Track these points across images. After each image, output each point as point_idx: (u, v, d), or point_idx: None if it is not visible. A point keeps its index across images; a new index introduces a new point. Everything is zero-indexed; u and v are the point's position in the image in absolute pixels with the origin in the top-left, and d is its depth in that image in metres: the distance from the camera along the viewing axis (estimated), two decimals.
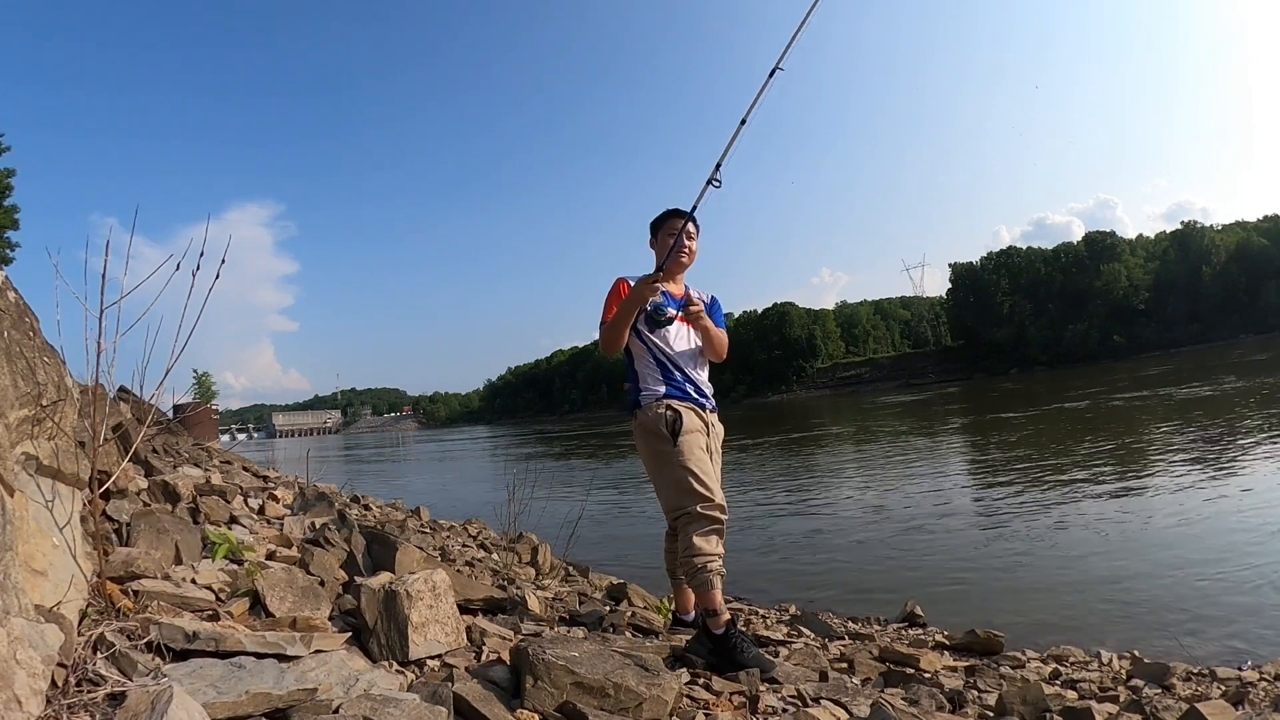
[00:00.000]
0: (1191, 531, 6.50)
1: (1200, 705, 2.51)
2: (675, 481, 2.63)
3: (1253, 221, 73.71)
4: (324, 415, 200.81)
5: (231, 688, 1.51)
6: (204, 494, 3.45)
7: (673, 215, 2.91)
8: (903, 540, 7.38)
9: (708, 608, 2.55)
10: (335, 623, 2.19)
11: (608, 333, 2.80)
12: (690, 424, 2.70)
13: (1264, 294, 63.62)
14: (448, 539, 5.37)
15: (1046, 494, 9.07)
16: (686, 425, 2.68)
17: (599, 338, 2.84)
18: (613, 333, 2.78)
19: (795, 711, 2.16)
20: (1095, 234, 77.32)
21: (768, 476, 13.67)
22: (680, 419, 2.68)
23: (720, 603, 2.55)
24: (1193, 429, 13.85)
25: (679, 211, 2.90)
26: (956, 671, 3.35)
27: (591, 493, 10.49)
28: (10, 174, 24.51)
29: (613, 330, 2.78)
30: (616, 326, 2.76)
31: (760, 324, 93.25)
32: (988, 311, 77.03)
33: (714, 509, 2.57)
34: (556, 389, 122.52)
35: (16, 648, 1.23)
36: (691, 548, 2.54)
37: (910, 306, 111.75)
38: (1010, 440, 15.55)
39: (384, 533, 3.38)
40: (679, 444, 2.63)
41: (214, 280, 1.85)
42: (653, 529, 8.86)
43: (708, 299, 3.03)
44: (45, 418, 1.71)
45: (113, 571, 1.98)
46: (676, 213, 2.90)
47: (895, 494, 10.37)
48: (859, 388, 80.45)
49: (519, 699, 1.85)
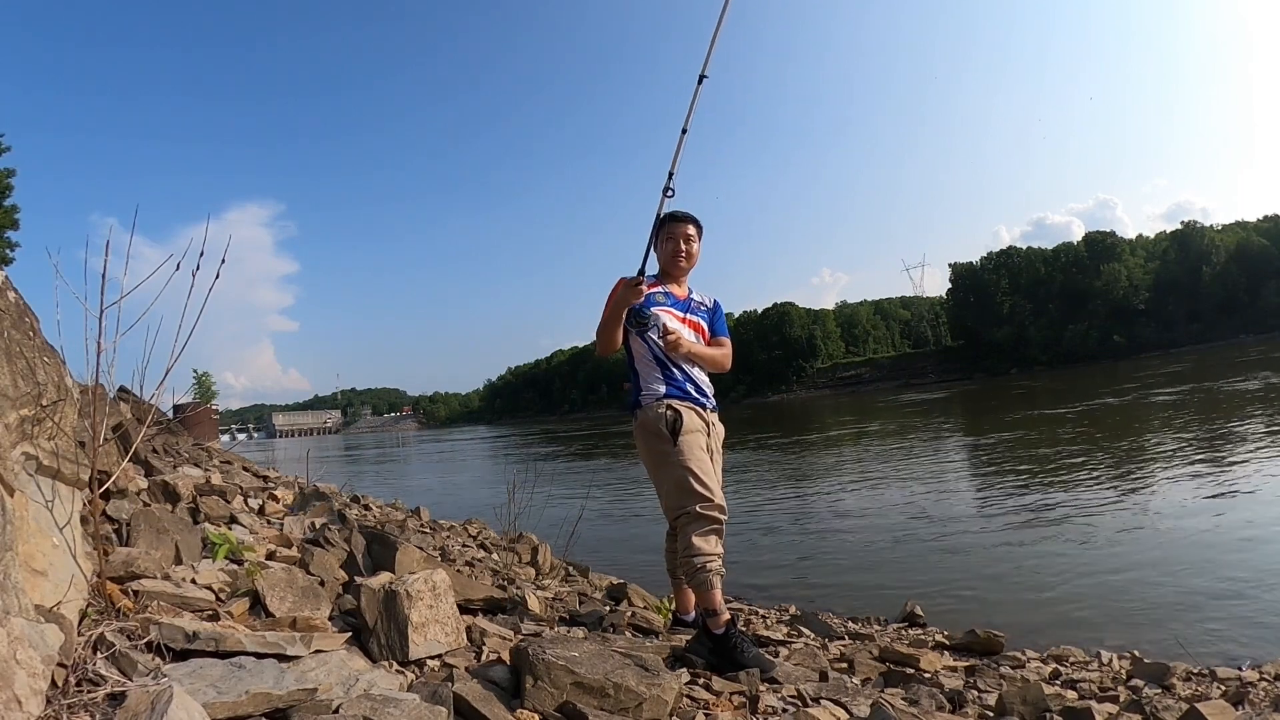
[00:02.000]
0: (1192, 531, 6.50)
1: (1200, 705, 2.51)
2: (675, 481, 2.63)
3: (1253, 221, 73.78)
4: (324, 415, 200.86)
5: (231, 688, 1.50)
6: (204, 494, 3.46)
7: (670, 220, 2.90)
8: (903, 540, 7.38)
9: (707, 607, 2.55)
10: (335, 623, 2.18)
11: (598, 334, 2.80)
12: (691, 424, 2.70)
13: (1264, 294, 63.67)
14: (448, 539, 5.37)
15: (1047, 494, 9.07)
16: (687, 425, 2.67)
17: (596, 334, 2.83)
18: (602, 334, 2.78)
19: (795, 711, 2.16)
20: (1095, 234, 77.37)
21: (768, 476, 13.66)
22: (681, 418, 2.68)
23: (720, 603, 2.55)
24: (1194, 429, 13.85)
25: (678, 215, 2.89)
26: (956, 671, 3.35)
27: (591, 493, 10.50)
28: (10, 174, 24.48)
29: (601, 332, 2.78)
30: (605, 328, 2.75)
31: (760, 324, 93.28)
32: (988, 311, 77.06)
33: (714, 509, 2.57)
34: (556, 389, 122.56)
35: (16, 648, 1.23)
36: (691, 547, 2.54)
37: (910, 306, 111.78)
38: (1011, 440, 15.55)
39: (384, 533, 3.38)
40: (679, 444, 2.63)
41: (214, 280, 1.85)
42: (653, 529, 8.87)
43: (710, 303, 3.02)
44: (45, 418, 1.71)
45: (113, 571, 1.98)
46: (673, 216, 2.89)
47: (895, 494, 10.37)
48: (859, 388, 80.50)
49: (519, 699, 1.85)
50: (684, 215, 2.90)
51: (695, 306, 2.96)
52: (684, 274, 2.97)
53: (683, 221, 2.90)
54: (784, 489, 12.05)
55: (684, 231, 2.90)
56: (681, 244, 2.90)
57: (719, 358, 2.92)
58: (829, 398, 69.19)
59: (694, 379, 2.82)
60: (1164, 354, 58.72)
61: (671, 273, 2.93)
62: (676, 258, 2.90)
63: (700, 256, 2.97)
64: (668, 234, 2.89)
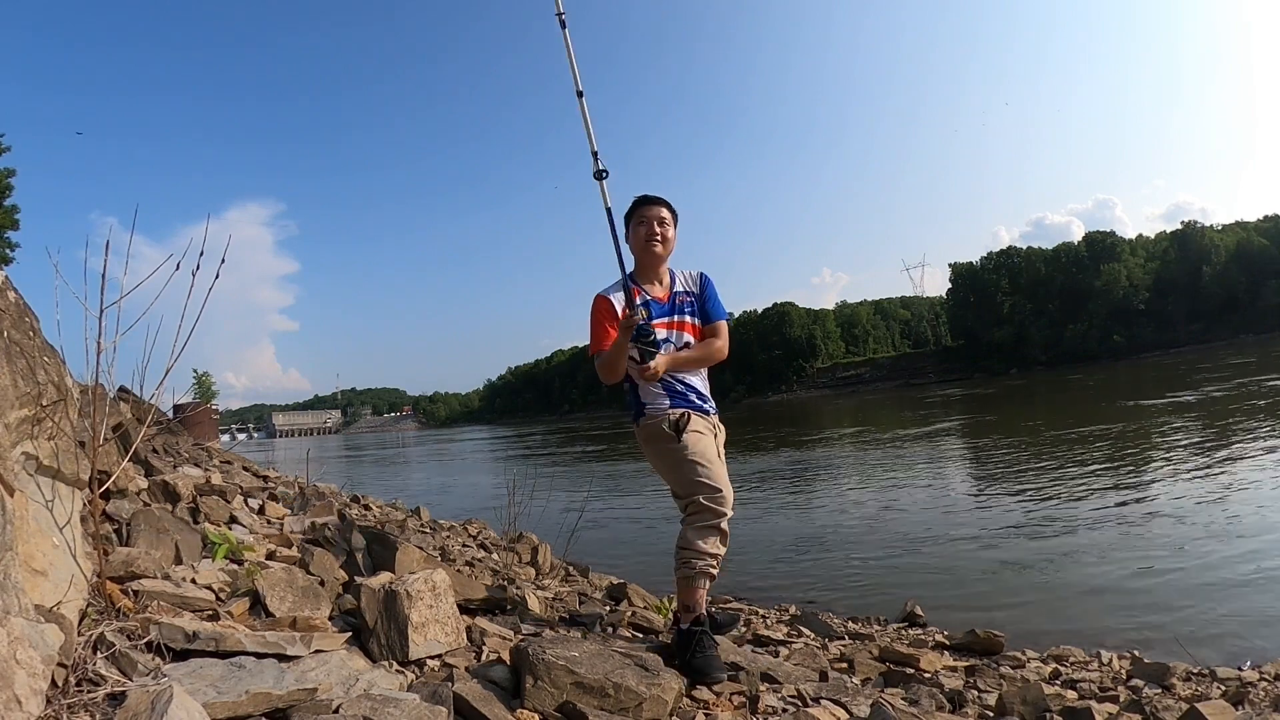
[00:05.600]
0: (1192, 531, 6.50)
1: (1200, 705, 2.51)
2: (683, 474, 2.60)
3: (1253, 221, 73.72)
4: (324, 415, 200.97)
5: (231, 688, 1.51)
6: (204, 494, 3.45)
7: (639, 204, 2.75)
8: (903, 540, 7.38)
9: (685, 602, 2.53)
10: (335, 623, 2.18)
11: (604, 366, 2.61)
12: (695, 423, 2.68)
13: (1264, 294, 63.66)
14: (448, 539, 5.36)
15: (1047, 494, 9.06)
16: (692, 424, 2.66)
17: (596, 367, 2.65)
18: (608, 369, 2.61)
19: (795, 711, 2.16)
20: (1095, 234, 77.38)
21: (767, 476, 13.66)
22: (686, 417, 2.66)
23: (698, 601, 2.51)
24: (1196, 428, 13.85)
25: (648, 199, 2.75)
26: (956, 671, 3.35)
27: (591, 493, 10.48)
28: (10, 174, 24.50)
29: (607, 367, 2.61)
30: (612, 364, 2.59)
31: (760, 324, 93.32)
32: (988, 311, 77.11)
33: (719, 502, 2.54)
34: (556, 389, 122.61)
35: (16, 648, 1.23)
36: (687, 542, 2.52)
37: (910, 306, 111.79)
38: (1011, 440, 15.55)
39: (384, 533, 3.38)
40: (684, 439, 2.61)
41: (214, 280, 1.85)
42: (653, 529, 8.88)
43: (696, 285, 2.83)
44: (45, 418, 1.71)
45: (113, 571, 1.98)
46: (644, 200, 2.75)
47: (896, 493, 10.37)
48: (859, 387, 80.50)
49: (519, 699, 1.85)
50: (654, 198, 2.76)
51: (680, 303, 2.77)
52: (661, 262, 2.76)
53: (654, 204, 2.72)
54: (784, 489, 12.05)
55: (656, 214, 2.71)
56: (655, 226, 2.70)
57: (710, 354, 2.76)
58: (829, 398, 69.18)
59: (694, 388, 2.76)
60: (1164, 354, 58.70)
61: (647, 262, 2.73)
62: (650, 242, 2.69)
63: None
64: (638, 219, 2.72)
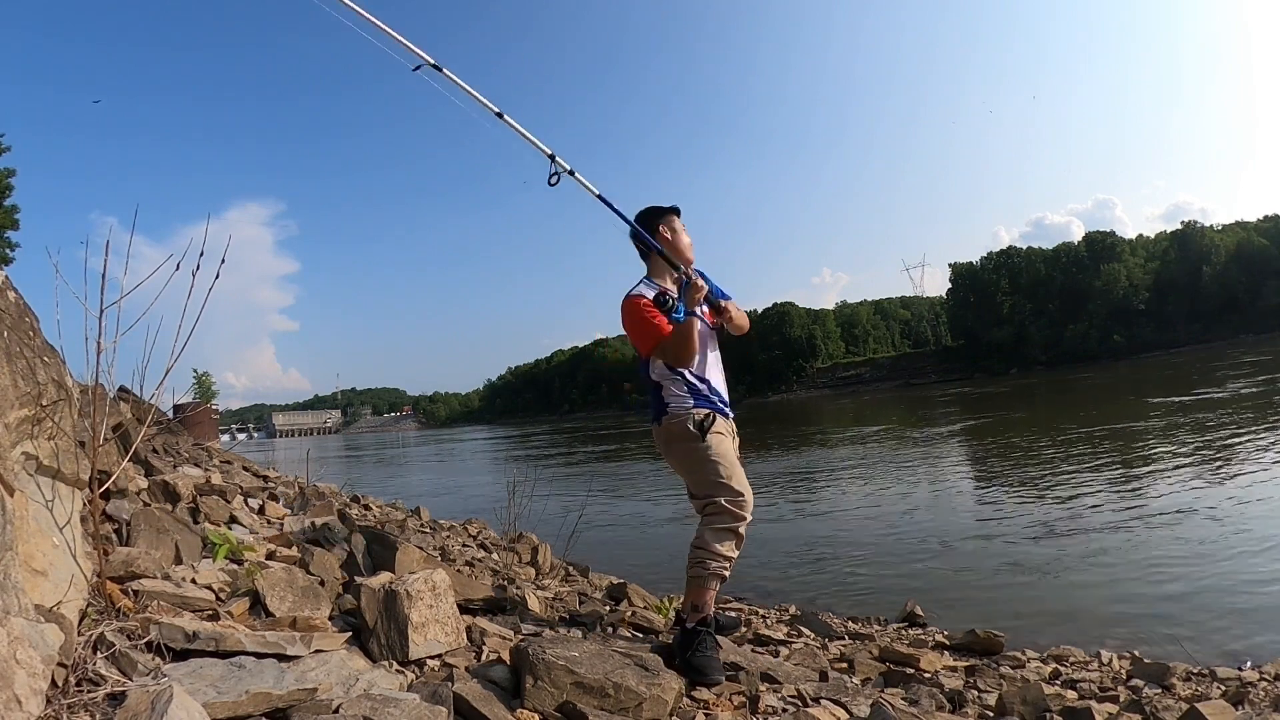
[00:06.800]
0: (1192, 531, 6.50)
1: (1200, 705, 2.51)
2: (704, 474, 2.61)
3: (1253, 221, 73.73)
4: (324, 415, 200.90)
5: (231, 688, 1.51)
6: (204, 494, 3.46)
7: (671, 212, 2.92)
8: (903, 540, 7.38)
9: (694, 602, 2.55)
10: (335, 623, 2.19)
11: (682, 343, 2.64)
12: (719, 425, 2.71)
13: (1264, 294, 63.67)
14: (448, 539, 5.37)
15: (1047, 494, 9.07)
16: (716, 425, 2.68)
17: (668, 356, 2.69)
18: (687, 338, 2.65)
19: (795, 711, 2.17)
20: (1095, 234, 77.40)
21: (768, 476, 13.65)
22: (711, 418, 2.68)
23: (707, 602, 2.53)
24: (1198, 428, 13.85)
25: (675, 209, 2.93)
26: (956, 671, 3.35)
27: (591, 493, 10.47)
28: (10, 174, 24.52)
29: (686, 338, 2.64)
30: (687, 333, 2.64)
31: (760, 324, 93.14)
32: (988, 311, 77.12)
33: (739, 505, 2.55)
34: (556, 389, 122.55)
35: (16, 647, 1.23)
36: (704, 543, 2.54)
37: (910, 306, 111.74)
38: (1011, 440, 15.55)
39: (384, 532, 3.38)
40: (708, 439, 2.63)
41: (214, 280, 1.85)
42: (653, 530, 8.89)
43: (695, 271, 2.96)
44: (45, 418, 1.71)
45: (113, 571, 1.98)
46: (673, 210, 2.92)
47: (896, 493, 10.37)
48: (859, 387, 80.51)
49: (519, 699, 1.85)
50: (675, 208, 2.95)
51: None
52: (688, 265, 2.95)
53: (679, 214, 2.95)
54: (784, 488, 12.04)
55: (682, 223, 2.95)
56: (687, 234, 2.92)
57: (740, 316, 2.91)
58: (829, 398, 69.16)
59: (717, 390, 2.81)
60: (1164, 353, 58.70)
61: (691, 261, 2.90)
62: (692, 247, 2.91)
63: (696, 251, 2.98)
64: (675, 227, 2.90)
